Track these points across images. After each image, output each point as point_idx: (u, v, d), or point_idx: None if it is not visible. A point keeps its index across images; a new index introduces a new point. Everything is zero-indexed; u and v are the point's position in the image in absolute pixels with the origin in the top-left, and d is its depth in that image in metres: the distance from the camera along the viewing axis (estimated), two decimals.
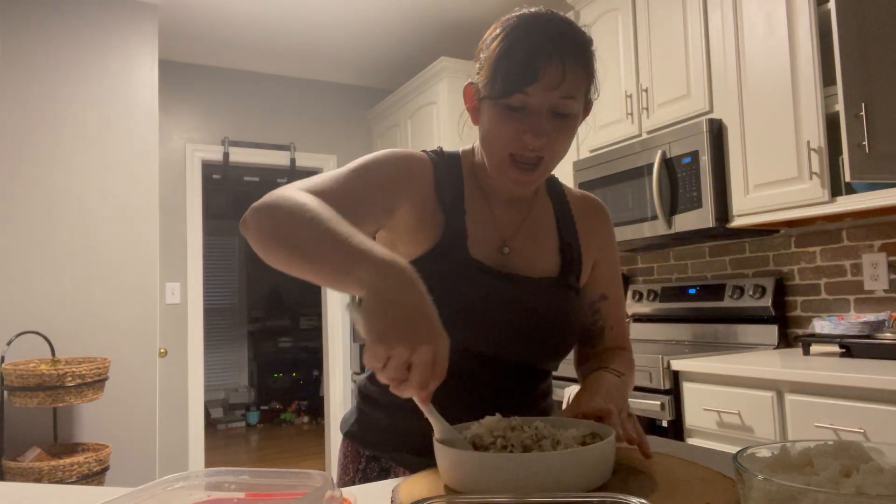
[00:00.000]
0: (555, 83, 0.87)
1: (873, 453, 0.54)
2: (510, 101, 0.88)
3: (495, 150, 0.93)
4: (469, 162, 1.03)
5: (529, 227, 1.03)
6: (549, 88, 0.87)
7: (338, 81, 4.72)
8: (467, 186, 1.00)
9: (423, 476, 0.77)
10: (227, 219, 7.41)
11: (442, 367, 0.67)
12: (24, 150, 3.04)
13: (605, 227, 1.11)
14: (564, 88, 0.88)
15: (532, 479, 0.65)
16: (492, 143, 0.93)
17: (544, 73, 0.86)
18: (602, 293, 1.09)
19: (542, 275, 1.01)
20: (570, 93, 0.89)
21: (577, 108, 0.92)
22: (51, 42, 3.14)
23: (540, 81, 0.87)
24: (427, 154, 1.01)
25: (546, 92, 0.87)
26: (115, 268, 3.19)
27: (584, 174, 2.88)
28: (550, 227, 1.05)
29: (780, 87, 2.13)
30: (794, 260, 2.49)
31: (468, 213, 0.98)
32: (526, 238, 1.02)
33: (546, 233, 1.04)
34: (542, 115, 0.89)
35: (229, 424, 6.89)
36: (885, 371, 1.65)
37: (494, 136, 0.92)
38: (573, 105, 0.90)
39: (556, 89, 0.88)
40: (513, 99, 0.88)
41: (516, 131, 0.89)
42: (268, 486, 0.62)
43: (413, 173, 0.96)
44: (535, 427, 0.76)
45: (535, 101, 0.88)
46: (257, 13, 3.63)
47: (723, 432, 2.01)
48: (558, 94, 0.88)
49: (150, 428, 3.22)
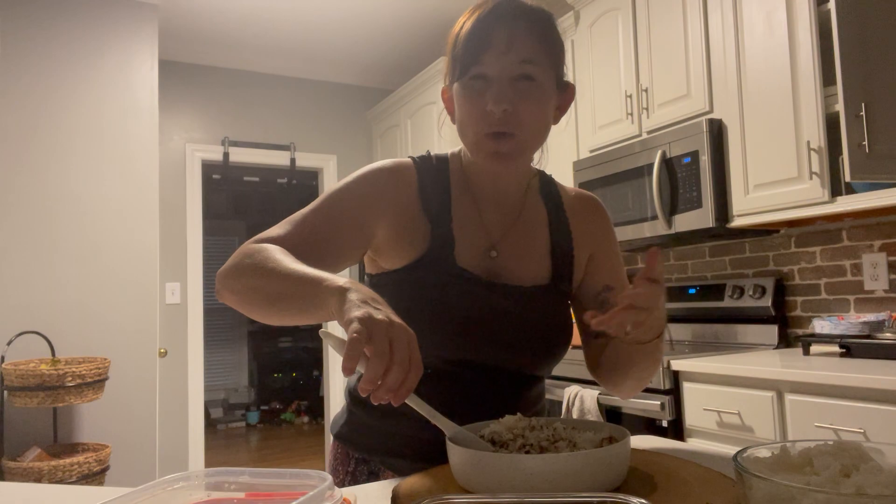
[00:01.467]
0: (505, 46, 0.88)
1: (873, 453, 0.55)
2: (471, 74, 0.89)
3: (469, 131, 0.92)
4: (457, 164, 1.02)
5: (520, 228, 1.01)
6: (502, 52, 0.88)
7: (338, 81, 4.73)
8: (454, 190, 0.99)
9: (424, 476, 0.77)
10: (227, 219, 7.41)
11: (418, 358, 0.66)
12: (25, 150, 3.04)
13: (601, 222, 1.08)
14: (517, 51, 0.88)
15: (545, 480, 0.65)
16: (464, 124, 0.92)
17: (493, 38, 0.88)
18: (606, 284, 1.05)
19: (533, 282, 0.98)
20: (526, 56, 0.88)
21: (540, 74, 0.90)
22: (51, 42, 3.14)
23: (492, 47, 0.88)
24: (413, 161, 1.00)
25: (500, 56, 0.88)
26: (115, 268, 3.19)
27: (584, 174, 2.88)
28: (542, 229, 1.03)
29: (780, 87, 2.13)
30: (794, 260, 2.49)
31: (455, 218, 0.96)
32: (516, 241, 1.00)
33: (537, 234, 1.02)
34: (503, 83, 0.88)
35: (229, 424, 6.89)
36: (885, 371, 1.65)
37: (464, 117, 0.92)
38: (533, 69, 0.89)
39: (509, 52, 0.88)
40: (471, 71, 0.89)
41: (481, 105, 0.89)
42: (268, 486, 0.62)
43: (390, 188, 0.96)
44: (553, 428, 0.76)
45: (492, 70, 0.88)
46: (257, 13, 3.63)
47: (723, 432, 2.01)
48: (514, 58, 0.88)
49: (150, 428, 3.22)
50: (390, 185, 0.96)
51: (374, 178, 0.96)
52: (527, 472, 0.65)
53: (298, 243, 0.88)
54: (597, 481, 0.66)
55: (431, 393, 0.92)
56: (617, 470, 0.69)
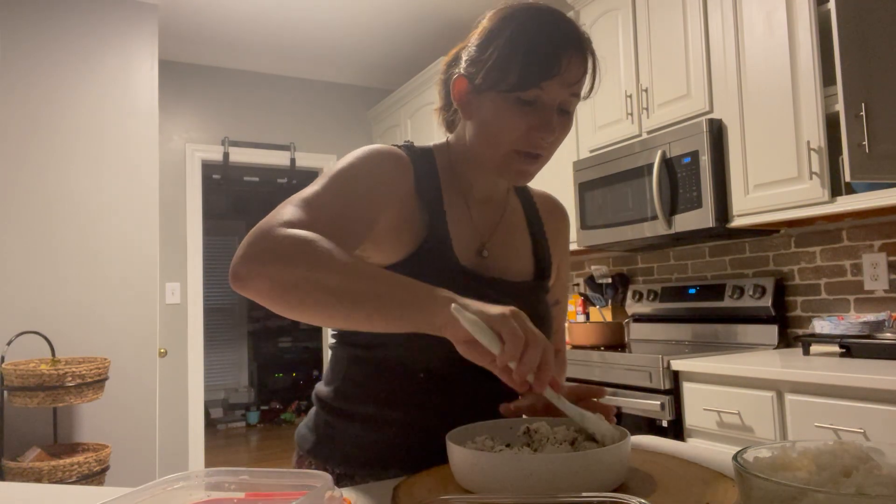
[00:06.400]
0: (574, 78, 0.86)
1: (873, 453, 0.54)
2: (523, 95, 0.85)
3: (500, 144, 0.89)
4: (444, 159, 0.98)
5: (505, 228, 1.01)
6: (566, 84, 0.86)
7: (338, 81, 4.73)
8: (444, 185, 0.96)
9: (424, 476, 0.77)
10: (227, 219, 7.41)
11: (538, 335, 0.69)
12: (24, 150, 3.04)
13: (566, 229, 1.12)
14: (577, 86, 0.88)
15: (545, 480, 0.65)
16: (496, 136, 0.89)
17: (566, 68, 0.85)
18: (557, 298, 1.09)
19: (520, 278, 1.00)
20: (577, 91, 0.88)
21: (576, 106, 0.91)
22: (51, 42, 3.14)
23: (561, 76, 0.85)
24: (404, 151, 0.95)
25: (562, 87, 0.86)
26: (115, 268, 3.19)
27: (584, 174, 2.88)
28: (523, 229, 1.05)
29: (780, 87, 2.13)
30: (794, 260, 2.49)
31: (448, 213, 0.94)
32: (502, 240, 1.00)
33: (519, 234, 1.04)
34: (553, 111, 0.87)
35: (229, 424, 6.89)
36: (885, 371, 1.65)
37: (500, 130, 0.88)
38: (576, 102, 0.90)
39: (573, 85, 0.87)
40: (528, 93, 0.85)
41: (526, 126, 0.87)
42: (268, 486, 0.62)
43: (393, 176, 0.91)
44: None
45: (548, 97, 0.86)
46: (257, 13, 3.63)
47: (723, 432, 2.01)
48: (570, 91, 0.87)
49: (150, 428, 3.22)
50: (393, 173, 0.91)
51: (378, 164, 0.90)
52: (527, 472, 0.65)
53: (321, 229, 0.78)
54: (597, 481, 0.66)
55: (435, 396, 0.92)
56: (617, 470, 0.68)
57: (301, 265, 0.72)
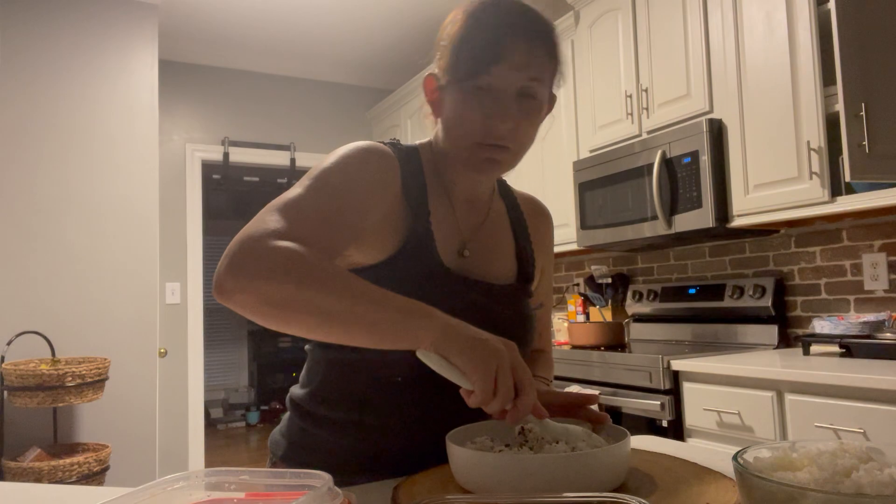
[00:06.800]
0: (521, 63, 0.85)
1: (873, 453, 0.54)
2: (475, 82, 0.85)
3: (462, 137, 0.88)
4: (428, 157, 0.97)
5: (488, 229, 1.00)
6: (515, 68, 0.84)
7: (338, 81, 4.73)
8: (429, 184, 0.95)
9: (424, 476, 0.77)
10: (227, 219, 7.41)
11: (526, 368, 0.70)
12: (24, 149, 3.04)
13: (550, 232, 1.12)
14: (530, 68, 0.85)
15: (545, 480, 0.65)
16: (457, 129, 0.88)
17: (511, 52, 0.84)
18: (541, 301, 1.09)
19: (502, 280, 0.99)
20: (535, 74, 0.86)
21: (542, 93, 0.88)
22: (50, 42, 3.14)
23: (506, 60, 0.84)
24: (390, 148, 0.93)
25: (512, 72, 0.84)
26: (115, 268, 3.19)
27: (584, 174, 2.88)
28: (506, 230, 1.04)
29: (780, 87, 2.13)
30: (794, 260, 2.49)
31: (433, 213, 0.93)
32: (485, 240, 0.99)
33: (503, 236, 1.03)
34: (509, 98, 0.85)
35: (229, 424, 6.89)
36: (885, 371, 1.65)
37: (460, 122, 0.87)
38: (539, 88, 0.87)
39: (523, 70, 0.85)
40: (478, 79, 0.85)
41: (482, 115, 0.85)
42: (268, 486, 0.62)
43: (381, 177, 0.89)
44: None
45: (500, 83, 0.85)
46: (257, 13, 3.63)
47: (723, 432, 2.01)
48: (525, 76, 0.85)
49: (150, 428, 3.22)
50: (382, 171, 0.89)
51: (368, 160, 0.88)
52: (527, 472, 0.65)
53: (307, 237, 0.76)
54: (597, 481, 0.66)
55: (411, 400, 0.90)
56: (617, 470, 0.69)
57: (290, 282, 0.69)
